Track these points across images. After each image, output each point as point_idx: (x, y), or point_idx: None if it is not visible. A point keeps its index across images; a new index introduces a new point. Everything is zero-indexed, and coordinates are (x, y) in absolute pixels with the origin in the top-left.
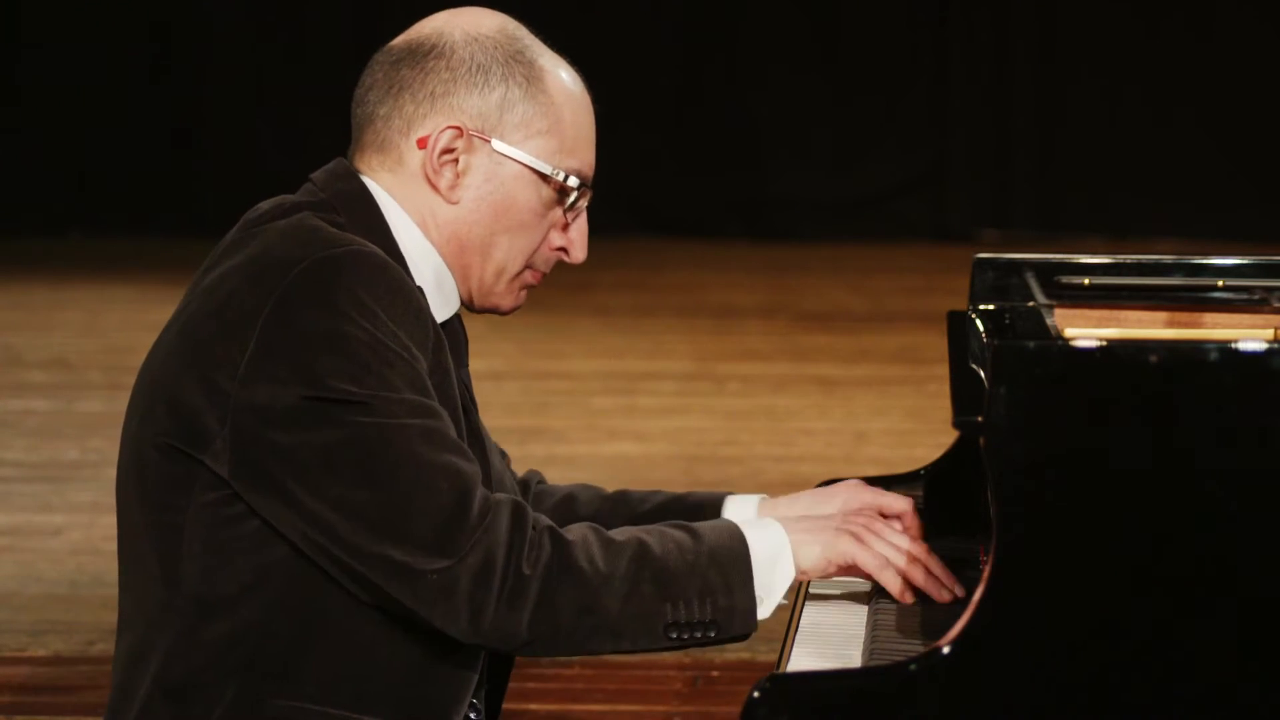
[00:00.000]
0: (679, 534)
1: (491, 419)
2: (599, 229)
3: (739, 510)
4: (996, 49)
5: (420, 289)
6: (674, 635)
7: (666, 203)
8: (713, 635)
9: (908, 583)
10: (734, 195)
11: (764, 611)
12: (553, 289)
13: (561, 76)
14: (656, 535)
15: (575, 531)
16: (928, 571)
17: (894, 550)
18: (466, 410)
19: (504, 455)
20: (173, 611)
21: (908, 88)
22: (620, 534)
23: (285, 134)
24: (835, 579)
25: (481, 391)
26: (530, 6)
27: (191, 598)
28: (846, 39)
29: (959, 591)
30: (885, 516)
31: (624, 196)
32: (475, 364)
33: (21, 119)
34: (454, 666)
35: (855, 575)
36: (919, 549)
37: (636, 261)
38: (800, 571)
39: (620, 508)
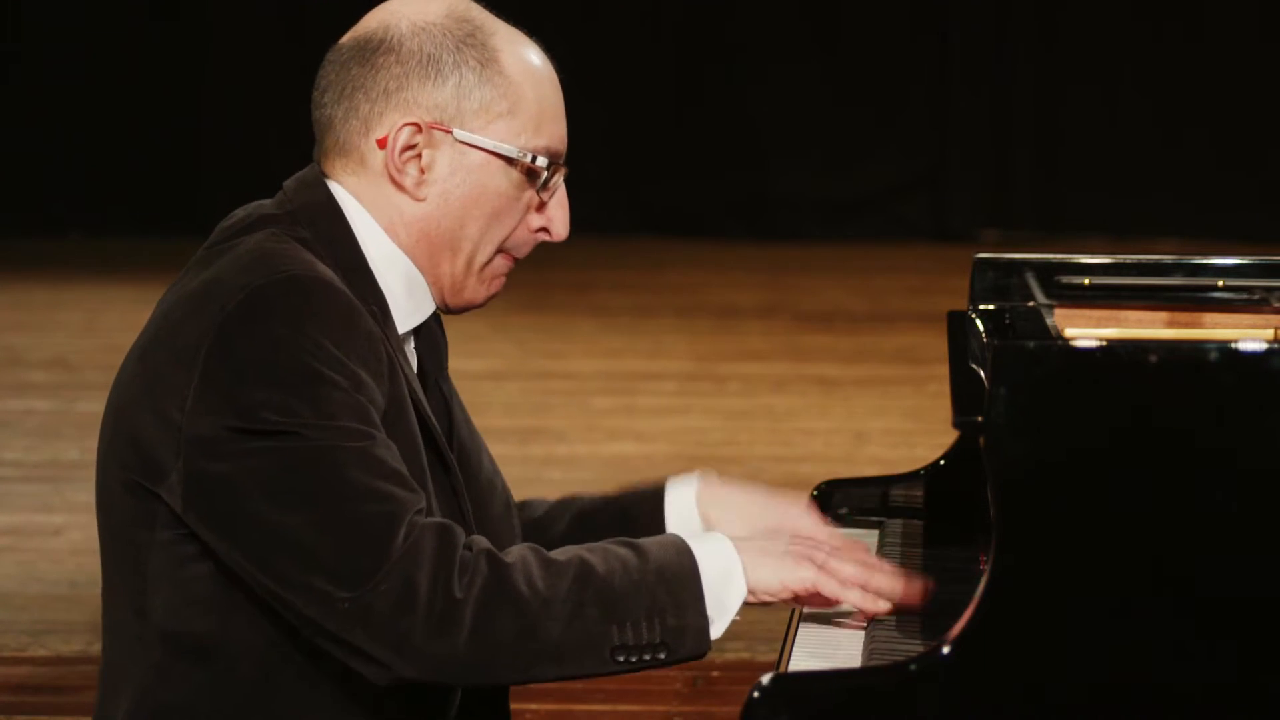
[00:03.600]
0: (624, 551)
1: (491, 419)
2: (599, 228)
3: (680, 492)
4: (996, 49)
5: (378, 306)
6: (621, 659)
7: (666, 203)
8: (663, 657)
9: (877, 596)
10: (734, 195)
11: (716, 631)
12: (553, 289)
13: (519, 53)
14: (600, 554)
15: (514, 553)
16: (893, 579)
17: (852, 567)
18: (432, 433)
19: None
20: (143, 644)
21: (908, 88)
22: (562, 554)
23: (286, 133)
24: None
25: (481, 391)
26: (530, 6)
27: (159, 633)
28: (847, 39)
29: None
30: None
31: (624, 196)
32: (475, 364)
33: (22, 119)
34: (424, 707)
35: (812, 604)
36: (875, 561)
37: (636, 261)
38: (751, 591)
39: (568, 508)
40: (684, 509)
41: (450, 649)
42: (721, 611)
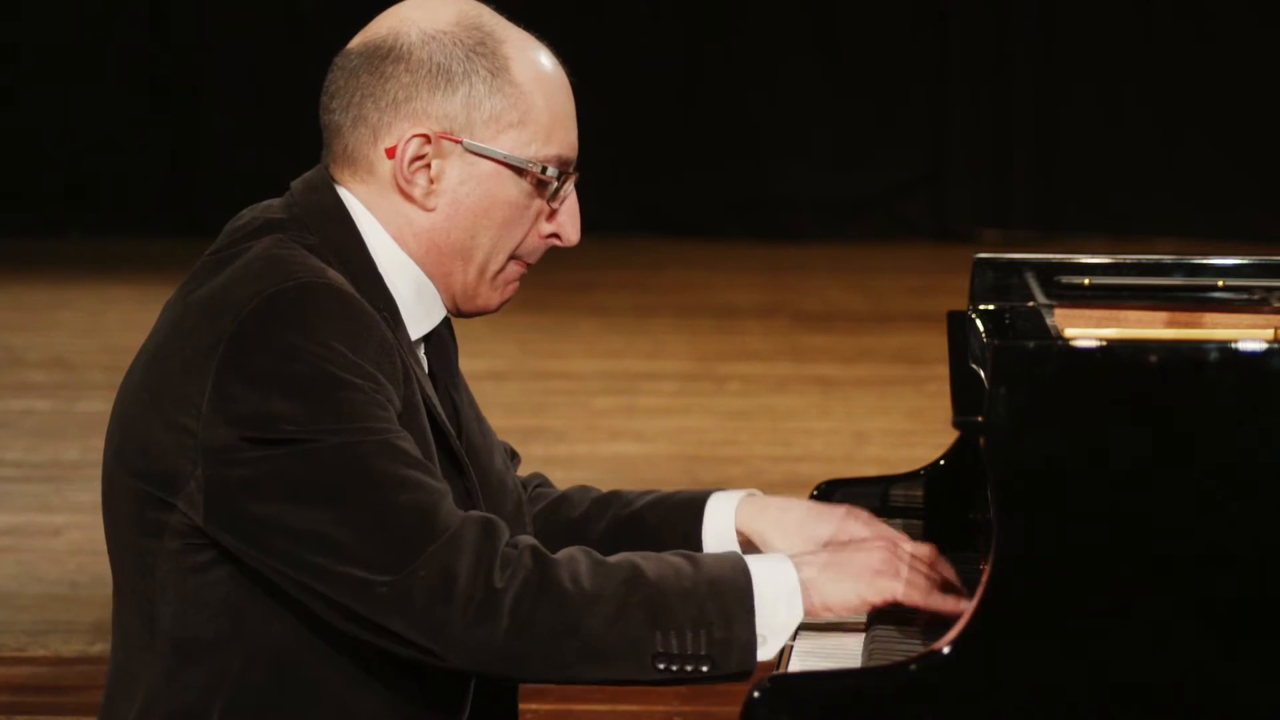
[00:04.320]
0: (677, 560)
1: (492, 419)
2: (599, 228)
3: (720, 508)
4: (996, 49)
5: (389, 313)
6: (662, 666)
7: (666, 203)
8: (705, 670)
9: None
10: (734, 195)
11: (766, 653)
12: (553, 289)
13: (530, 60)
14: (654, 559)
15: (563, 551)
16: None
17: (929, 575)
18: (445, 435)
19: (514, 456)
20: (152, 651)
21: (908, 87)
22: (615, 556)
23: (286, 134)
24: None
25: (481, 391)
26: (533, 5)
27: (168, 640)
28: (847, 38)
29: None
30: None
31: (624, 196)
32: (475, 364)
33: (21, 119)
34: (435, 710)
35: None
36: (943, 563)
37: (636, 261)
38: (825, 608)
39: (608, 508)
40: (721, 524)
41: (488, 639)
42: (773, 631)
